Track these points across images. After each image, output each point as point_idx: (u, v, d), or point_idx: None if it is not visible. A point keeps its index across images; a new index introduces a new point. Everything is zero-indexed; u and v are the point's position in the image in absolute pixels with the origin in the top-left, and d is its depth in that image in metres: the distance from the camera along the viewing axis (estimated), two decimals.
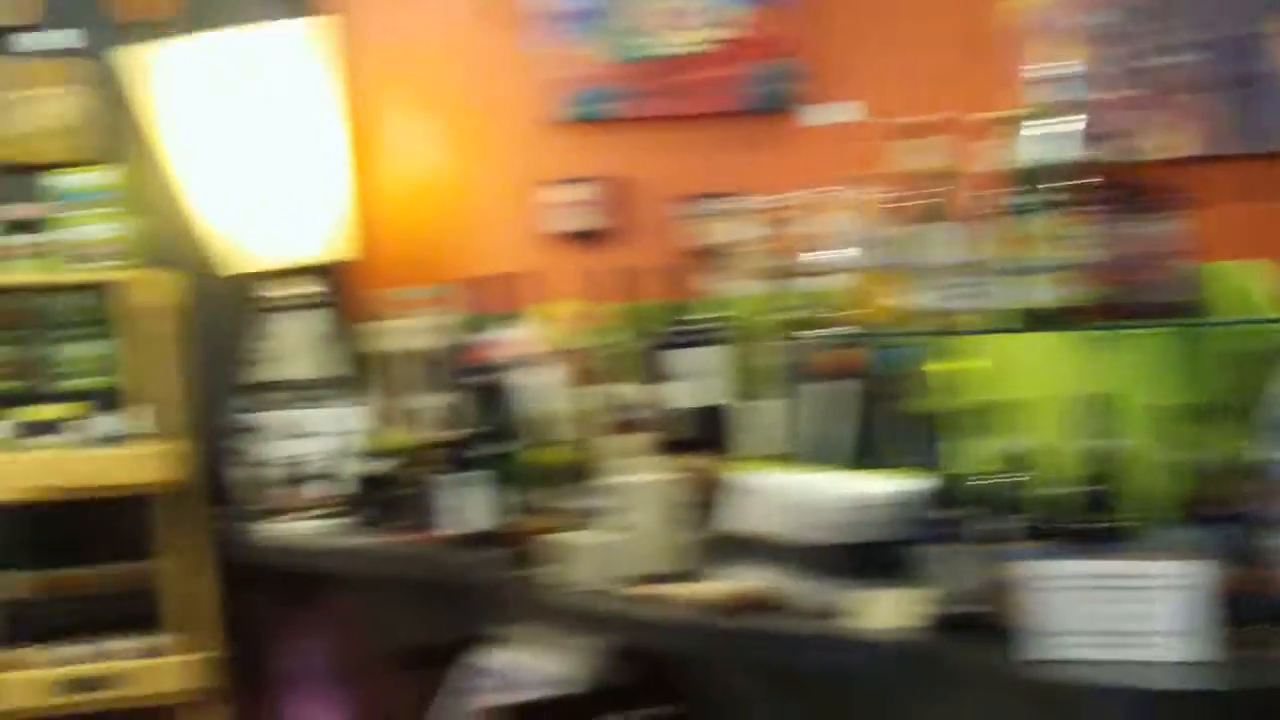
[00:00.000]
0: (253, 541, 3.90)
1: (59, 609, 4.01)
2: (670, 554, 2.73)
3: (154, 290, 3.99)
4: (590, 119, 4.25)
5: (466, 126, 4.34)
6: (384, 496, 3.62)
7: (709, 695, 2.77)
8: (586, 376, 3.26)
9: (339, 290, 4.25)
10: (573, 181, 4.24)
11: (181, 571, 4.10)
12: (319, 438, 3.95)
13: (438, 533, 3.30)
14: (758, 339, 3.03)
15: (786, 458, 2.83)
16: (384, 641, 3.65)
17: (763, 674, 2.58)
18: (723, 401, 3.06)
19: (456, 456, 3.26)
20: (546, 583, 2.84)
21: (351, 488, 3.75)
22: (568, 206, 4.23)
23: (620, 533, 2.77)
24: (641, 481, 2.80)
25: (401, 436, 3.66)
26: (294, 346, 4.07)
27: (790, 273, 3.04)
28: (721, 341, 3.09)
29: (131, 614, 4.04)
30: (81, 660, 3.95)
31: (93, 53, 4.17)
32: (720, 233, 3.41)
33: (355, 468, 3.76)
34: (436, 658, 3.37)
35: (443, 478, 3.28)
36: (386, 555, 3.49)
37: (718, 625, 2.44)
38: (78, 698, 3.90)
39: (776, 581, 2.47)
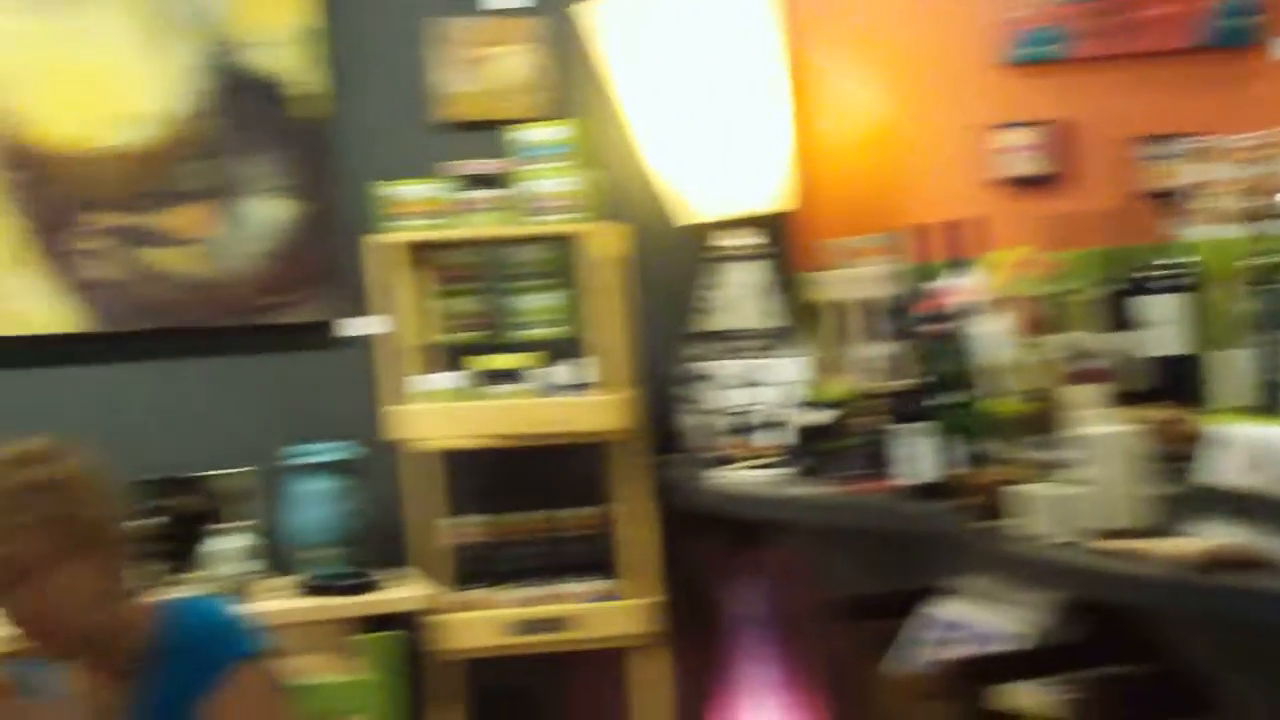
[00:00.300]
0: (697, 488, 3.95)
1: (512, 553, 4.15)
2: (1135, 508, 2.62)
3: (608, 241, 4.07)
4: (1037, 60, 4.14)
5: (909, 70, 4.27)
6: (824, 446, 3.60)
7: (1176, 655, 2.66)
8: (1039, 325, 3.16)
9: (782, 240, 4.26)
10: (1020, 125, 4.13)
11: (628, 517, 4.19)
12: (763, 387, 3.97)
13: (885, 483, 3.27)
14: (1228, 284, 2.88)
15: (1263, 409, 2.68)
16: (829, 591, 3.64)
17: (1242, 635, 2.45)
18: (1188, 350, 2.93)
19: (904, 406, 3.21)
20: (1003, 535, 2.77)
21: (792, 437, 3.75)
22: (1015, 151, 4.12)
23: (1081, 485, 2.67)
24: (1104, 433, 2.70)
25: (843, 386, 3.64)
26: (739, 296, 4.09)
27: (1266, 215, 2.88)
28: (1187, 288, 2.96)
29: (582, 558, 4.16)
30: (535, 602, 4.08)
31: (549, 9, 4.29)
32: (1183, 174, 3.26)
33: (796, 417, 3.75)
34: (884, 609, 3.34)
35: (891, 427, 3.25)
36: (832, 505, 3.47)
37: (1194, 582, 2.32)
38: (531, 638, 4.03)
39: (1256, 538, 2.34)
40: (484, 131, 4.19)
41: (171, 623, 2.42)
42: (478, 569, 4.14)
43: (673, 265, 4.25)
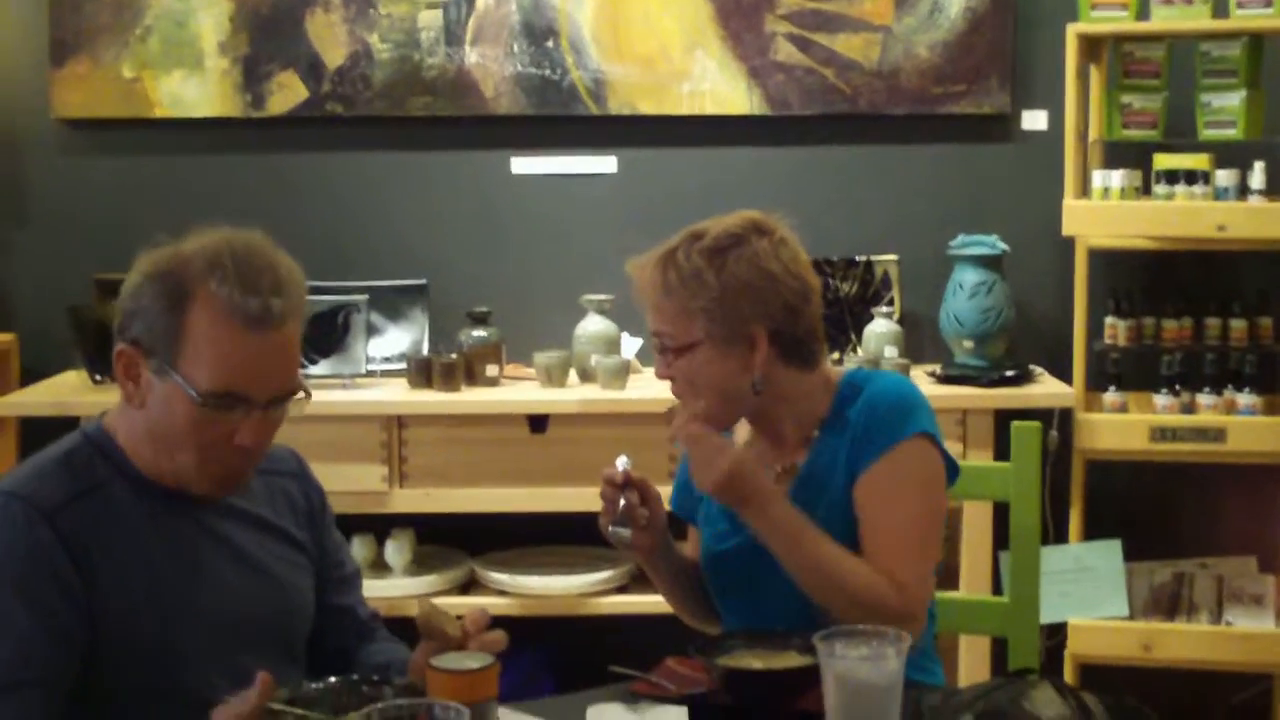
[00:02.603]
0: None
1: (1160, 359, 4.05)
2: None
3: None
4: None
5: None
6: None
7: None
8: None
9: None
10: None
11: None
12: None
13: None
14: None
15: None
16: None
17: None
18: None
19: None
20: None
21: None
22: None
23: None
24: None
25: None
26: None
27: None
28: None
29: (1235, 370, 4.02)
30: (1181, 410, 3.99)
31: None
32: None
33: None
34: None
35: None
36: None
37: None
38: (1174, 446, 3.95)
39: None
40: None
41: (850, 394, 2.49)
42: (1123, 371, 4.08)
43: None
